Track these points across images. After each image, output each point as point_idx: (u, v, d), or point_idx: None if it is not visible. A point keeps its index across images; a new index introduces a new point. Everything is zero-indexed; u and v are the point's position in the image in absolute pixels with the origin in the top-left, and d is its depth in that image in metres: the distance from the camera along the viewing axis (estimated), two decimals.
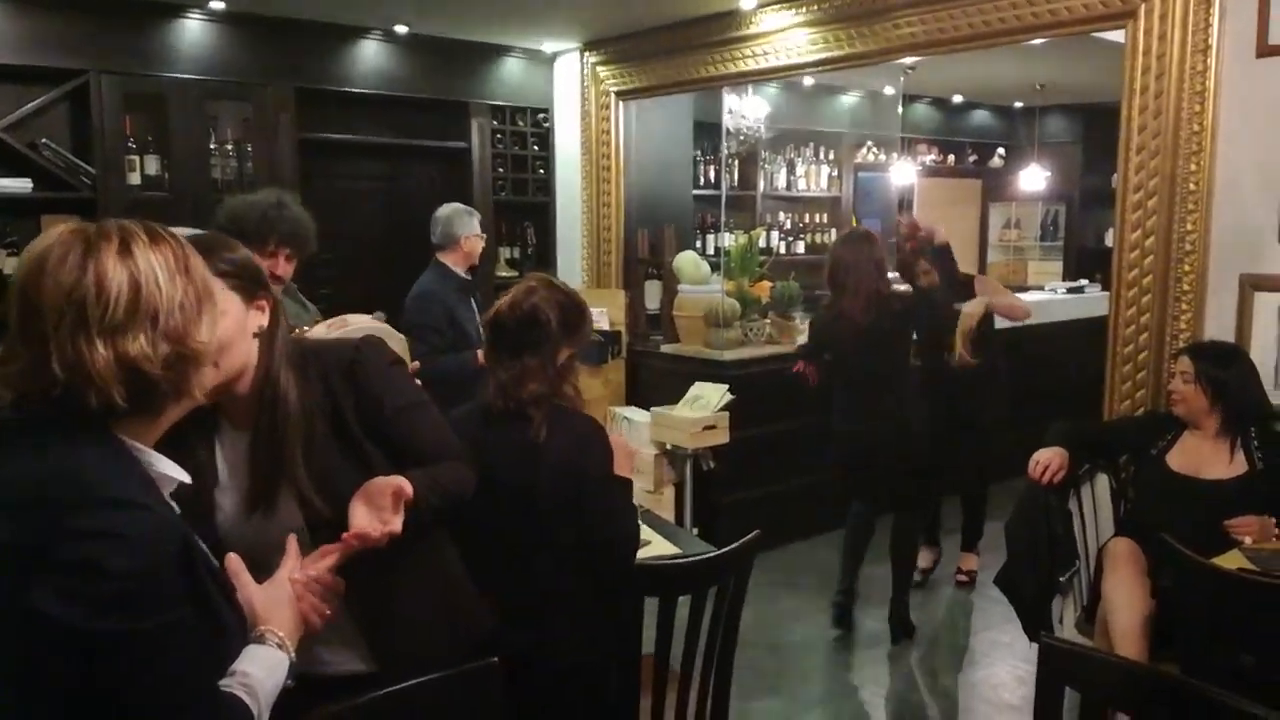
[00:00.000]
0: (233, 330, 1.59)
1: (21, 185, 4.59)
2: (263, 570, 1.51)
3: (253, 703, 1.30)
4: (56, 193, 4.69)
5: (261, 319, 1.66)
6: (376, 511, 1.61)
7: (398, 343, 3.04)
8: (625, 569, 2.28)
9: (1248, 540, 2.80)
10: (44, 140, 4.70)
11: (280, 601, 1.46)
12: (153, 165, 4.99)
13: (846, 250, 4.17)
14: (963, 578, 4.80)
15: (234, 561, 1.48)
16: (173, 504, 1.29)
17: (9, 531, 1.12)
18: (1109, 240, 6.91)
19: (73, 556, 1.10)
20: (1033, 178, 8.64)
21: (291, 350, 1.73)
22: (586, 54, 5.96)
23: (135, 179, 4.94)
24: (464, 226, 4.30)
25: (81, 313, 1.16)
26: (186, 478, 1.31)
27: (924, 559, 4.76)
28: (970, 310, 4.34)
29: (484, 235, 4.42)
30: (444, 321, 4.09)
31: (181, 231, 1.32)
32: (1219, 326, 3.45)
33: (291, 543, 1.55)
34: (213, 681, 1.28)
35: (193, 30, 5.01)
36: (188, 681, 1.21)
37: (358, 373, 1.77)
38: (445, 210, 4.37)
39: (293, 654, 1.39)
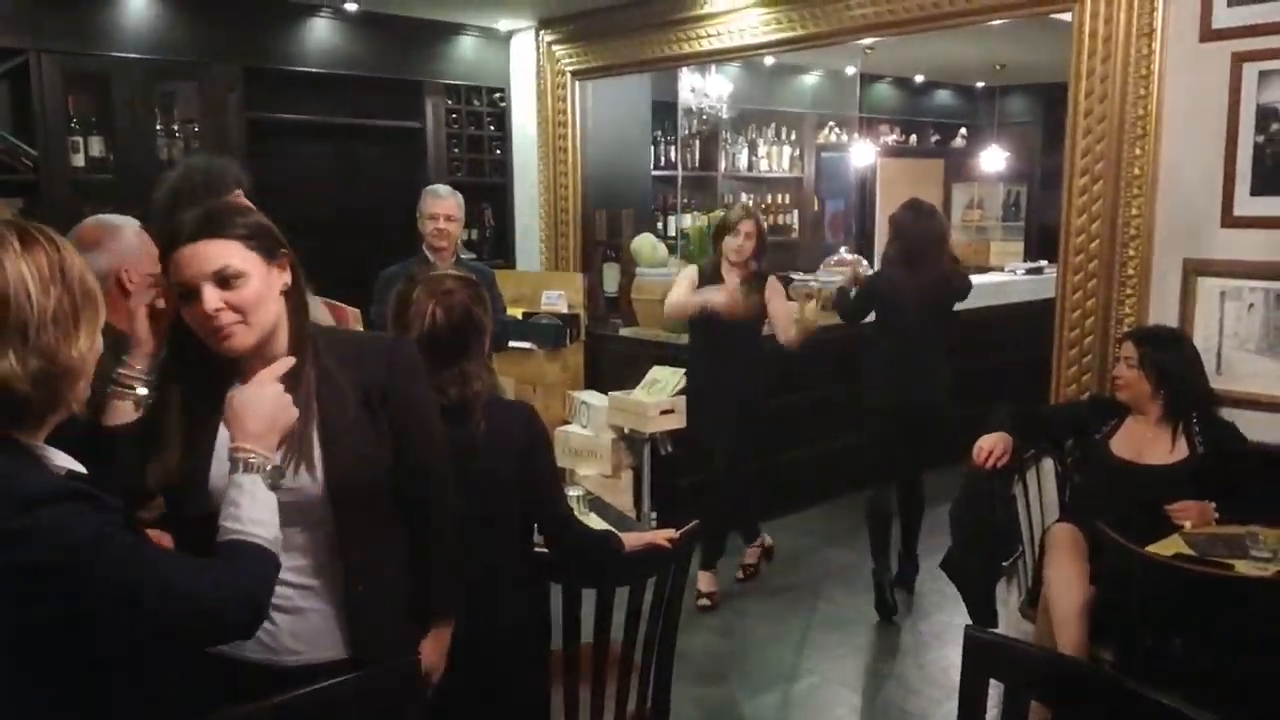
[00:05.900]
0: (259, 289, 1.64)
1: None
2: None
3: (263, 536, 1.39)
4: None
5: (285, 276, 1.71)
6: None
7: (352, 317, 3.00)
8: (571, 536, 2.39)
9: (1188, 525, 2.82)
10: None
11: (253, 406, 1.51)
12: (97, 146, 4.88)
13: (915, 220, 4.29)
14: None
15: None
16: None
17: None
18: None
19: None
20: (994, 158, 8.67)
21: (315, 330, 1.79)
22: (542, 33, 5.89)
23: (79, 160, 4.83)
24: (418, 208, 4.22)
25: None
26: (81, 469, 1.28)
27: (751, 555, 4.76)
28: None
29: (435, 215, 4.15)
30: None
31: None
32: (1163, 311, 3.46)
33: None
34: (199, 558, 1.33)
35: (137, 7, 4.89)
36: (172, 561, 1.27)
37: (393, 360, 1.83)
38: None
39: (271, 460, 1.51)
